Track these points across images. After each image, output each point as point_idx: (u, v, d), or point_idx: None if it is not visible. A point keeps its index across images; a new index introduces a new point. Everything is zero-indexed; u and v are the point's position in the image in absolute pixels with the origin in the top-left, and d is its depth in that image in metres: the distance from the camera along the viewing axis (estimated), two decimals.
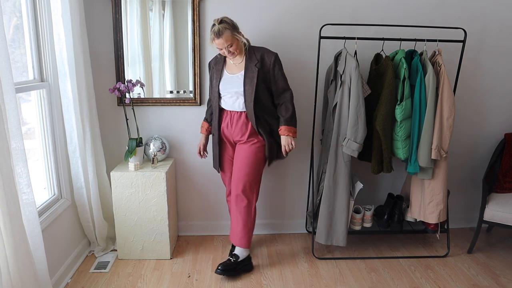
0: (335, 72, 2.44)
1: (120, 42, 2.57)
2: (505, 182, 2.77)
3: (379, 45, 2.61)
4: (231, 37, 2.14)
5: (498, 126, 2.94)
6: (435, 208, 2.49)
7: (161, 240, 2.57)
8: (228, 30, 2.12)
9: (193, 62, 2.63)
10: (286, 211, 3.01)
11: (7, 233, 1.52)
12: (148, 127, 2.76)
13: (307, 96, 2.75)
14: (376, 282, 2.39)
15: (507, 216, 2.52)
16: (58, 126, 2.36)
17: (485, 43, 2.76)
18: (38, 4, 2.16)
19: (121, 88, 2.46)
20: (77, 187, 2.45)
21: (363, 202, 2.92)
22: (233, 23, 2.17)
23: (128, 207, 2.50)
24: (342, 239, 2.50)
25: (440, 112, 2.33)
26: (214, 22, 2.15)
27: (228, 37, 2.13)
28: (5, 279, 1.54)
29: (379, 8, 2.63)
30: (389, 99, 2.31)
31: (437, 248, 2.81)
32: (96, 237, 2.62)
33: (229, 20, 2.15)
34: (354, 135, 2.31)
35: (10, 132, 1.59)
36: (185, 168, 2.86)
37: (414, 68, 2.35)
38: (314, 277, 2.45)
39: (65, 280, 2.33)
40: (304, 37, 2.64)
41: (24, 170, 1.68)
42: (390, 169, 2.43)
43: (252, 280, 2.40)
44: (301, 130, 2.83)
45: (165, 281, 2.38)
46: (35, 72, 2.21)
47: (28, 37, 2.13)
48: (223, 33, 2.11)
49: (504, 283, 2.40)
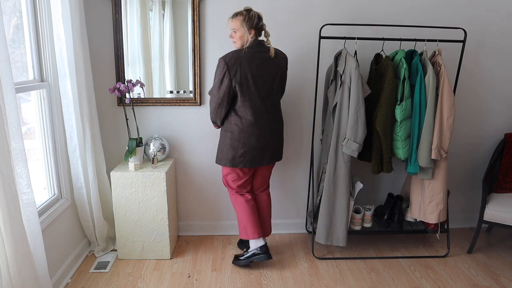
0: (335, 72, 2.44)
1: (120, 42, 2.57)
2: (505, 182, 2.77)
3: (379, 45, 2.61)
4: (240, 25, 2.18)
5: (498, 126, 2.94)
6: (435, 208, 2.49)
7: (161, 240, 2.57)
8: (241, 17, 2.17)
9: (193, 62, 2.63)
10: (286, 211, 3.01)
11: (7, 233, 1.52)
12: (148, 127, 2.76)
13: (307, 96, 2.75)
14: (376, 282, 2.39)
15: (507, 216, 2.52)
16: (58, 126, 2.36)
17: (485, 43, 2.76)
18: (38, 4, 2.16)
19: (121, 88, 2.46)
20: (77, 187, 2.45)
21: (363, 202, 2.92)
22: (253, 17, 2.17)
23: (128, 207, 2.50)
24: (342, 239, 2.50)
25: (440, 112, 2.33)
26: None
27: (237, 23, 2.18)
28: (5, 279, 1.54)
29: (379, 8, 2.63)
30: (389, 99, 2.31)
31: (437, 248, 2.81)
32: (96, 237, 2.62)
33: (252, 13, 2.18)
34: (354, 135, 2.31)
35: (10, 132, 1.59)
36: (185, 168, 2.86)
37: (414, 68, 2.35)
38: (314, 277, 2.45)
39: (65, 280, 2.33)
40: (304, 37, 2.65)
41: (24, 170, 1.68)
42: (390, 169, 2.43)
43: (252, 280, 2.40)
44: (301, 130, 2.83)
45: (165, 281, 2.38)
46: (35, 72, 2.21)
47: (28, 37, 2.13)
48: (236, 17, 2.18)
49: (504, 283, 2.40)
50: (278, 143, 2.41)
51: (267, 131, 2.31)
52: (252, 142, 2.27)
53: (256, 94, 2.23)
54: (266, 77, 2.23)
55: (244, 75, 2.17)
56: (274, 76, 2.27)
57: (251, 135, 2.27)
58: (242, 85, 2.18)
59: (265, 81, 2.24)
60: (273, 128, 2.34)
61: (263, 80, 2.23)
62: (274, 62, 2.26)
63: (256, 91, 2.22)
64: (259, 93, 2.23)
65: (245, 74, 2.16)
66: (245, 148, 2.28)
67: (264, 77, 2.22)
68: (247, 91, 2.20)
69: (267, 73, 2.24)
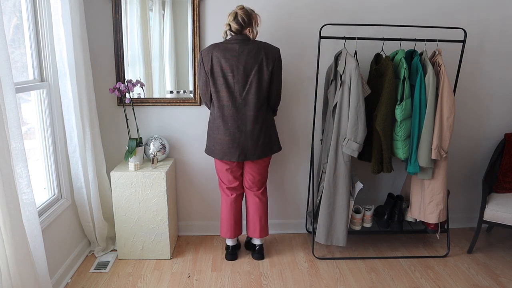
0: (335, 72, 2.44)
1: (120, 42, 2.57)
2: (505, 182, 2.77)
3: (379, 45, 2.61)
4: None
5: (498, 126, 2.94)
6: (435, 208, 2.49)
7: (161, 240, 2.57)
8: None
9: (193, 62, 2.63)
10: (286, 211, 3.01)
11: (7, 233, 1.53)
12: (148, 127, 2.76)
13: (307, 96, 2.75)
14: (376, 282, 2.39)
15: (507, 216, 2.52)
16: (58, 126, 2.36)
17: (485, 43, 2.76)
18: (38, 4, 2.16)
19: (121, 88, 2.46)
20: (77, 187, 2.45)
21: (363, 202, 2.92)
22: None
23: (128, 207, 2.50)
24: (342, 239, 2.50)
25: (440, 112, 2.33)
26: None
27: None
28: (5, 279, 1.54)
29: (379, 8, 2.63)
30: (389, 99, 2.31)
31: (437, 248, 2.81)
32: (96, 237, 2.62)
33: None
34: (354, 135, 2.32)
35: (10, 132, 1.59)
36: (185, 168, 2.86)
37: (414, 68, 2.35)
38: (314, 277, 2.45)
39: (65, 280, 2.33)
40: (304, 37, 2.64)
41: (24, 170, 1.68)
42: (390, 169, 2.43)
43: (252, 280, 2.40)
44: (301, 130, 2.83)
45: (165, 281, 2.38)
46: (35, 72, 2.21)
47: (28, 37, 2.13)
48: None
49: (504, 283, 2.40)
50: (252, 143, 2.30)
51: (235, 127, 2.27)
52: (219, 134, 2.32)
53: (224, 87, 2.23)
54: (239, 71, 2.20)
55: (214, 66, 2.22)
56: (249, 70, 2.20)
57: (218, 128, 2.31)
58: (212, 75, 2.24)
59: (235, 75, 2.21)
60: (242, 126, 2.27)
61: (233, 74, 2.20)
62: (252, 56, 2.19)
63: (224, 84, 2.22)
64: (228, 87, 2.23)
65: (215, 65, 2.21)
66: (214, 140, 2.35)
67: (235, 70, 2.20)
68: (215, 83, 2.25)
69: (240, 67, 2.19)
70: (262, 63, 2.21)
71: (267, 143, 2.36)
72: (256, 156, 2.35)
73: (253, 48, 2.20)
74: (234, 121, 2.27)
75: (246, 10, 2.21)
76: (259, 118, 2.29)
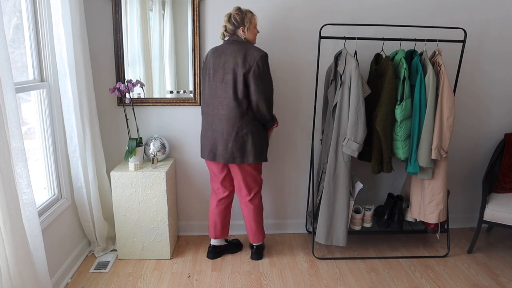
0: (335, 72, 2.44)
1: (120, 42, 2.57)
2: (505, 182, 2.77)
3: (379, 45, 2.61)
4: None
5: (498, 126, 2.94)
6: (435, 208, 2.49)
7: (161, 240, 2.57)
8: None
9: (193, 62, 2.63)
10: (286, 211, 3.01)
11: (7, 233, 1.53)
12: (148, 127, 2.76)
13: (307, 96, 2.75)
14: (376, 282, 2.39)
15: (507, 216, 2.52)
16: (58, 126, 2.36)
17: (485, 43, 2.76)
18: (38, 4, 2.16)
19: (121, 88, 2.46)
20: (77, 187, 2.45)
21: (363, 202, 2.92)
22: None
23: (128, 207, 2.50)
24: (342, 239, 2.50)
25: (440, 112, 2.33)
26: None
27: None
28: (5, 279, 1.54)
29: (379, 8, 2.63)
30: (389, 99, 2.31)
31: (437, 248, 2.81)
32: (96, 237, 2.62)
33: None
34: (354, 135, 2.31)
35: (10, 132, 1.59)
36: (185, 168, 2.86)
37: (414, 68, 2.35)
38: (314, 277, 2.45)
39: (65, 280, 2.33)
40: (304, 37, 2.65)
41: (24, 170, 1.68)
42: (390, 169, 2.43)
43: (252, 280, 2.40)
44: (301, 130, 2.83)
45: (165, 281, 2.38)
46: (35, 72, 2.21)
47: (28, 37, 2.13)
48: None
49: (504, 283, 2.40)
50: (221, 144, 2.26)
51: (210, 124, 2.31)
52: (204, 131, 2.37)
53: (208, 85, 2.32)
54: (218, 69, 2.24)
55: (206, 65, 2.33)
56: (227, 69, 2.20)
57: (204, 124, 2.37)
58: (203, 73, 2.36)
59: (215, 73, 2.25)
60: (214, 124, 2.27)
61: (214, 72, 2.26)
62: (233, 56, 2.18)
63: (208, 82, 2.32)
64: (209, 84, 2.30)
65: (207, 64, 2.32)
66: (201, 137, 2.41)
67: (216, 68, 2.25)
68: (204, 80, 2.36)
69: (220, 65, 2.23)
70: (237, 64, 2.17)
71: (239, 149, 2.25)
72: (223, 158, 2.28)
73: (237, 48, 2.20)
74: (210, 118, 2.32)
75: (240, 11, 2.22)
76: (234, 120, 2.21)
